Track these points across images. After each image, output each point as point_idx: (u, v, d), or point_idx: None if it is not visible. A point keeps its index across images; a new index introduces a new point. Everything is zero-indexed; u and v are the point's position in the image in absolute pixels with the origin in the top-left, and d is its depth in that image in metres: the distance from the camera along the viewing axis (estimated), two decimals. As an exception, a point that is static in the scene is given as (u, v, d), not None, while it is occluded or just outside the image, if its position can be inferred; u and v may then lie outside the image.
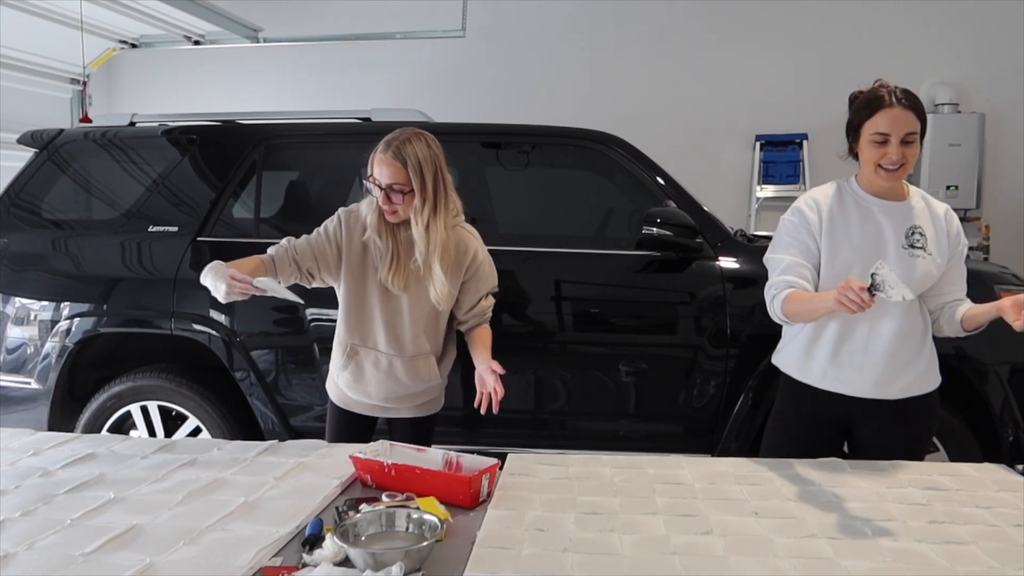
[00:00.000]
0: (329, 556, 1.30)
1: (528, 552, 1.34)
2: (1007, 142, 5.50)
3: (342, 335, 2.18)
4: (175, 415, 3.08)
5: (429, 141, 2.05)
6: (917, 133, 1.93)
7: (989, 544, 1.39)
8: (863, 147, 1.98)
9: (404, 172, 1.99)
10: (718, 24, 5.74)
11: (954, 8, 5.48)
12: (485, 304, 2.21)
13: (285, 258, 2.08)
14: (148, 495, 1.62)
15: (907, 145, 1.92)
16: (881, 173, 1.96)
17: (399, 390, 2.18)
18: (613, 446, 2.92)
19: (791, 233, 2.03)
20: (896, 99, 1.92)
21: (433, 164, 2.03)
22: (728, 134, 5.80)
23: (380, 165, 2.01)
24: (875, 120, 1.93)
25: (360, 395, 2.21)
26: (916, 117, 1.92)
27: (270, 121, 3.35)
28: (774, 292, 1.98)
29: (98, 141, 3.32)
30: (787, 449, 2.03)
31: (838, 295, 1.68)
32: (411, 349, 2.15)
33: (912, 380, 2.03)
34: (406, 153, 1.99)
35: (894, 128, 1.91)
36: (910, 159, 1.94)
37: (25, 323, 3.17)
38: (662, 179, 3.03)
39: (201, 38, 5.75)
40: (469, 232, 2.18)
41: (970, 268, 3.19)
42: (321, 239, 2.12)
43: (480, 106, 5.71)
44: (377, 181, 2.01)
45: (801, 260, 1.99)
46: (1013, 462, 1.94)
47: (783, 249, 2.03)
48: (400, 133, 2.04)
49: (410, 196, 2.01)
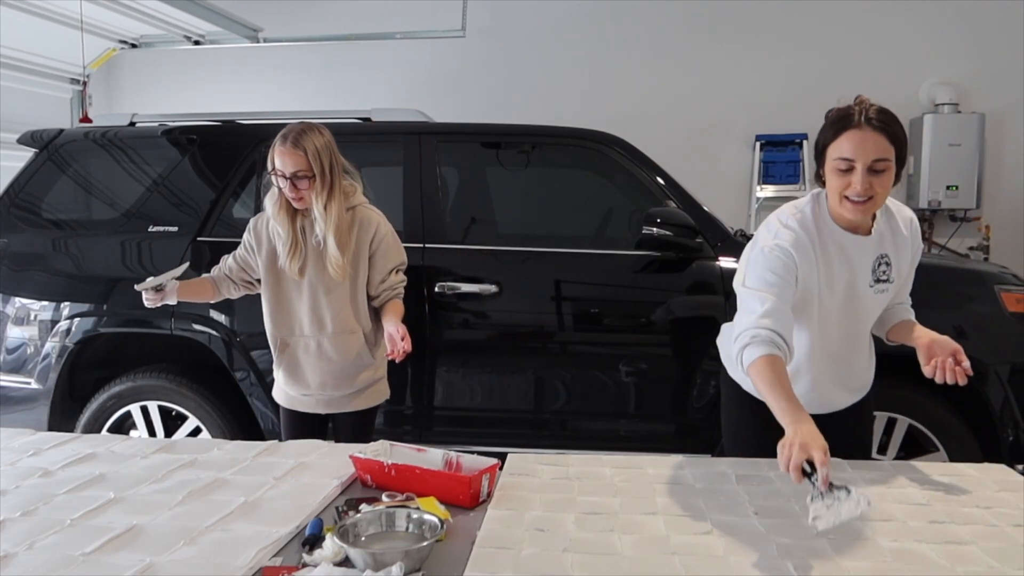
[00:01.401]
0: (329, 556, 1.29)
1: (528, 552, 1.34)
2: (1007, 142, 5.50)
3: (271, 331, 2.34)
4: (175, 415, 3.08)
5: (322, 130, 2.25)
6: (890, 160, 1.65)
7: (989, 544, 1.39)
8: (828, 174, 1.71)
9: (305, 159, 2.17)
10: (718, 24, 5.74)
11: (954, 8, 5.48)
12: (395, 279, 2.34)
13: (222, 278, 2.38)
14: (148, 495, 1.62)
15: (876, 174, 1.64)
16: (847, 205, 1.68)
17: (333, 370, 2.30)
18: (613, 446, 2.93)
19: (776, 271, 1.70)
20: (866, 119, 1.64)
21: (328, 151, 2.21)
22: (728, 134, 5.80)
23: (282, 156, 2.17)
24: (839, 143, 1.66)
25: (300, 388, 2.34)
26: (888, 141, 1.64)
27: (270, 121, 3.35)
28: (748, 342, 1.64)
29: (98, 141, 3.33)
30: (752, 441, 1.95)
31: (781, 446, 1.40)
32: (334, 326, 2.28)
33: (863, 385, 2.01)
34: (305, 142, 2.17)
35: (860, 154, 1.63)
36: (879, 191, 1.66)
37: (25, 323, 3.18)
38: (662, 179, 3.03)
39: (201, 38, 5.75)
40: (372, 210, 2.34)
41: (970, 268, 3.21)
42: (242, 251, 2.37)
43: (480, 106, 5.71)
44: (281, 172, 2.18)
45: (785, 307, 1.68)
46: (1013, 462, 1.94)
47: (767, 287, 1.69)
48: (294, 126, 2.22)
49: (313, 181, 2.19)
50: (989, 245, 5.44)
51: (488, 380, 3.03)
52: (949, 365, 1.70)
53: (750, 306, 1.69)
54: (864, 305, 1.82)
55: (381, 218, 2.34)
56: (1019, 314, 2.80)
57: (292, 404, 2.37)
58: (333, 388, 2.31)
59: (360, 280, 2.29)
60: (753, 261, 1.75)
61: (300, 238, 2.25)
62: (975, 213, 5.48)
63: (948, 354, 1.72)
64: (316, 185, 2.18)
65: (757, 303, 1.67)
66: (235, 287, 2.38)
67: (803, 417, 1.46)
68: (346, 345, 2.29)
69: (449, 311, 3.00)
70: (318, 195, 2.19)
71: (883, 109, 1.68)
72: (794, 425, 1.43)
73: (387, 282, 2.32)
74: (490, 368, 3.03)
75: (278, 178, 2.19)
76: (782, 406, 1.51)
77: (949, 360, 1.71)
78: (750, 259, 1.77)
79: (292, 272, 2.26)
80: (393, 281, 2.33)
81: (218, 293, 2.38)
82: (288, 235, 2.24)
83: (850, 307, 1.82)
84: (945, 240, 5.55)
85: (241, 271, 2.36)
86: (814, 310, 1.79)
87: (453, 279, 2.98)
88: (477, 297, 2.97)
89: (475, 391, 3.03)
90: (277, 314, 2.32)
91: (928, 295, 2.77)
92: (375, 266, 2.31)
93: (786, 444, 1.39)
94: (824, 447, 1.38)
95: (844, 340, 1.88)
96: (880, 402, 2.77)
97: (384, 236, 2.31)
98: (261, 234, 2.32)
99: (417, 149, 3.11)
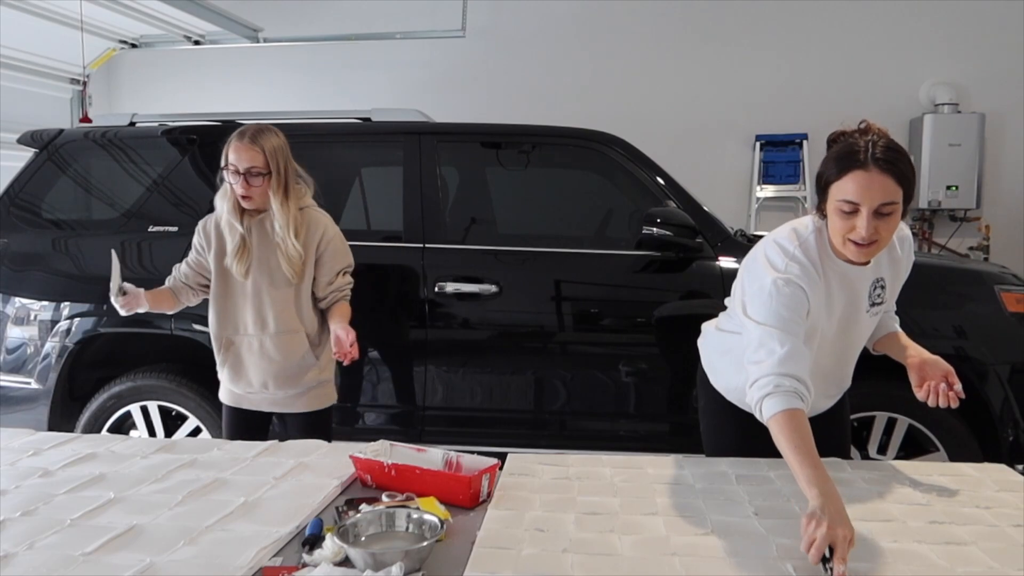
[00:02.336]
0: (329, 556, 1.29)
1: (528, 552, 1.34)
2: (1007, 142, 5.51)
3: (215, 330, 2.35)
4: (175, 415, 3.08)
5: (278, 133, 2.27)
6: (897, 203, 1.53)
7: (989, 544, 1.39)
8: (830, 213, 1.60)
9: (262, 156, 2.19)
10: (718, 24, 5.74)
11: (954, 8, 5.48)
12: (342, 281, 2.35)
13: (180, 287, 2.37)
14: (148, 495, 1.62)
15: (882, 217, 1.54)
16: (850, 247, 1.59)
17: (276, 370, 2.31)
18: (613, 446, 2.93)
19: (791, 307, 1.59)
20: (873, 159, 1.52)
21: (284, 152, 2.25)
22: (728, 134, 5.80)
23: (238, 152, 2.19)
24: (843, 184, 1.54)
25: (244, 387, 2.35)
26: (896, 183, 1.52)
27: (270, 121, 3.34)
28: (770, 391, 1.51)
29: (98, 141, 3.33)
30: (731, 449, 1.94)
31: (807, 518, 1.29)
32: (276, 326, 2.29)
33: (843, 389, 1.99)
34: (263, 140, 2.21)
35: (865, 197, 1.52)
36: (884, 235, 1.56)
37: (25, 323, 3.18)
38: (662, 179, 3.03)
39: (201, 38, 5.75)
40: (320, 213, 2.35)
41: (970, 268, 3.21)
42: (194, 255, 2.37)
43: (480, 106, 5.72)
44: (235, 167, 2.19)
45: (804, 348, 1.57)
46: (1013, 462, 1.94)
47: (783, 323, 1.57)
48: (252, 125, 2.25)
49: (267, 179, 2.20)
50: (989, 245, 5.44)
51: (488, 380, 3.03)
52: (943, 390, 1.69)
53: (768, 346, 1.56)
54: (860, 328, 1.81)
55: (328, 220, 2.35)
56: (1019, 314, 2.80)
57: (237, 402, 2.38)
58: (276, 388, 2.32)
59: (306, 282, 2.30)
60: (765, 294, 1.62)
61: (248, 238, 2.27)
62: (975, 213, 5.48)
63: (940, 377, 1.71)
64: (272, 183, 2.20)
65: (776, 344, 1.55)
66: (193, 293, 2.38)
67: (831, 489, 1.36)
68: (289, 345, 2.30)
69: (449, 311, 3.00)
70: (274, 193, 2.21)
71: (891, 145, 1.56)
72: (822, 499, 1.32)
73: (334, 284, 2.33)
74: (490, 368, 3.03)
75: (231, 174, 2.20)
76: (808, 474, 1.39)
77: (942, 385, 1.70)
78: (760, 291, 1.63)
79: (238, 273, 2.27)
80: (340, 283, 2.34)
81: (177, 303, 2.38)
82: (239, 235, 2.26)
83: (846, 332, 1.79)
84: (945, 240, 5.55)
85: (197, 275, 2.36)
86: (815, 338, 1.72)
87: (453, 279, 2.98)
88: (477, 297, 2.98)
89: (475, 391, 3.03)
90: (222, 313, 2.33)
91: (928, 295, 2.79)
92: (322, 268, 2.31)
93: (813, 519, 1.29)
94: (849, 533, 1.27)
95: (836, 360, 1.87)
96: (880, 402, 2.79)
97: (332, 238, 2.32)
98: (210, 234, 2.33)
99: (417, 149, 3.11)
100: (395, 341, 3.06)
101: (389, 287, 3.05)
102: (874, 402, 2.79)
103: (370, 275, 3.06)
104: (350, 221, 3.34)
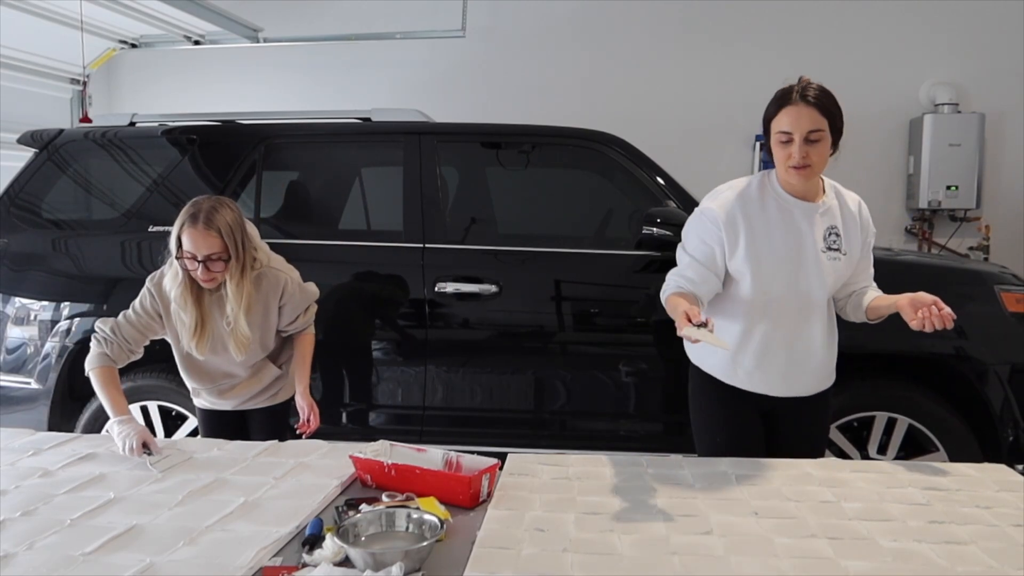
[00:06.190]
0: (329, 556, 1.30)
1: (528, 552, 1.34)
2: (1007, 142, 5.50)
3: (184, 379, 2.38)
4: (175, 415, 3.08)
5: (230, 204, 2.17)
6: (824, 131, 1.86)
7: (989, 544, 1.39)
8: (773, 146, 1.92)
9: (220, 240, 2.09)
10: (718, 24, 5.74)
11: (954, 8, 5.48)
12: (304, 318, 2.37)
13: (122, 354, 2.17)
14: (148, 495, 1.62)
15: (811, 144, 1.86)
16: (791, 173, 1.90)
17: (248, 394, 2.38)
18: (613, 446, 2.93)
19: (700, 235, 1.98)
20: (802, 96, 1.87)
21: (240, 226, 2.15)
22: (728, 134, 5.79)
23: (195, 239, 2.08)
24: (779, 118, 1.89)
25: (219, 405, 2.41)
26: (821, 114, 1.85)
27: (270, 121, 3.35)
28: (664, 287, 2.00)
29: (98, 141, 3.33)
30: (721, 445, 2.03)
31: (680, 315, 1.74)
32: (245, 371, 2.34)
33: (824, 377, 2.07)
34: (218, 221, 2.09)
35: (796, 126, 1.85)
36: (815, 159, 1.87)
37: (25, 323, 3.18)
38: (662, 179, 3.03)
39: (201, 38, 5.74)
40: (278, 270, 2.28)
41: (970, 268, 3.21)
42: (143, 317, 2.21)
43: (480, 106, 5.71)
44: (192, 255, 2.09)
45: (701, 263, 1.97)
46: (1013, 462, 1.94)
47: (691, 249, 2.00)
48: (201, 204, 2.12)
49: (227, 263, 2.13)
50: (989, 245, 5.44)
51: (488, 380, 3.03)
52: (934, 312, 1.79)
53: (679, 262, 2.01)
54: (817, 267, 1.95)
55: (287, 276, 2.29)
56: (1019, 314, 2.79)
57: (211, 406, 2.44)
58: (250, 403, 2.40)
59: (269, 333, 2.32)
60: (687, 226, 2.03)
61: (207, 317, 2.20)
62: (975, 213, 5.47)
63: (930, 304, 1.82)
64: (231, 266, 2.13)
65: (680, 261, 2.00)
66: (134, 355, 2.21)
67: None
68: (258, 375, 2.36)
69: (449, 311, 3.00)
70: (232, 275, 2.14)
71: (820, 87, 1.90)
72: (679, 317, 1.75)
73: (296, 323, 2.35)
74: (490, 368, 3.03)
75: (188, 260, 2.10)
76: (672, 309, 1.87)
77: (933, 308, 1.80)
78: (689, 220, 2.03)
79: (199, 352, 2.23)
80: (303, 319, 2.36)
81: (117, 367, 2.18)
82: (195, 317, 2.17)
83: (797, 265, 1.94)
84: (945, 240, 5.55)
85: (143, 338, 2.22)
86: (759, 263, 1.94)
87: (453, 279, 2.98)
88: (477, 297, 2.98)
89: (475, 391, 3.03)
90: (189, 371, 2.34)
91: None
92: (284, 314, 2.31)
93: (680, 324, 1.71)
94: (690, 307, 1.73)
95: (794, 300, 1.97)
96: (880, 402, 2.79)
97: (292, 294, 2.29)
98: (168, 303, 2.20)
99: (417, 149, 3.11)
100: (395, 341, 3.06)
101: (389, 287, 3.05)
102: (874, 402, 2.79)
103: (370, 275, 3.07)
104: (350, 221, 3.35)
